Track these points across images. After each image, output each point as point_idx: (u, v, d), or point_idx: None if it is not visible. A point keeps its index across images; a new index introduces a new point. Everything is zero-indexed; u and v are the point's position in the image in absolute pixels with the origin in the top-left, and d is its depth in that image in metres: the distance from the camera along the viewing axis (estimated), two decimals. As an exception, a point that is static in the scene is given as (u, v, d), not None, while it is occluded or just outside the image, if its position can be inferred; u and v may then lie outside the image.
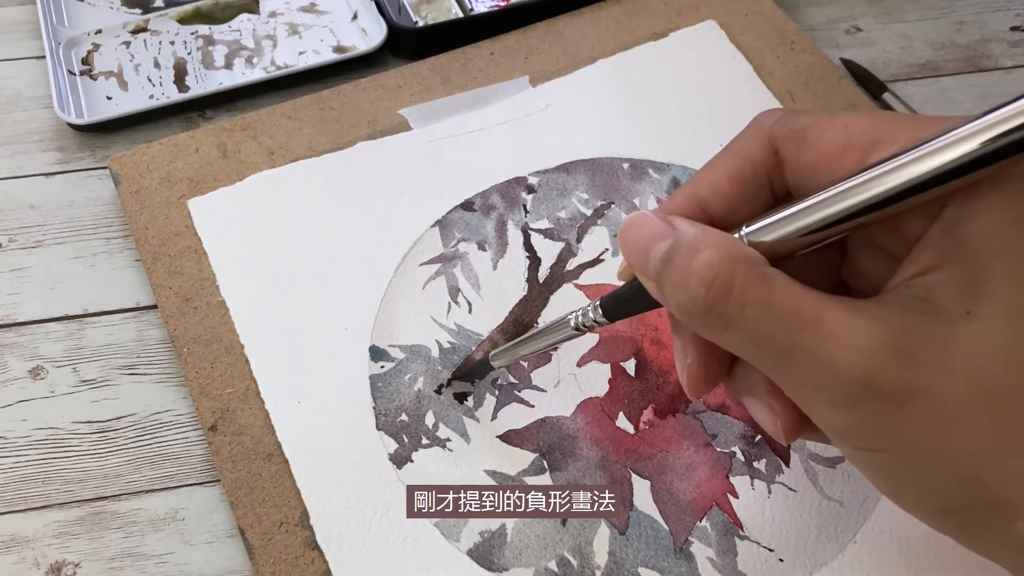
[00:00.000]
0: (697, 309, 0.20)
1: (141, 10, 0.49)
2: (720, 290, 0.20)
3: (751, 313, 0.20)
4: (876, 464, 0.22)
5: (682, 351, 0.24)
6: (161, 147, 0.41)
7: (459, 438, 0.34)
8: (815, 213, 0.21)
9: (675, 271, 0.21)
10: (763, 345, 0.20)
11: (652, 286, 0.22)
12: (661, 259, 0.21)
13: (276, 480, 0.32)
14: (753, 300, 0.20)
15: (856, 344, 0.19)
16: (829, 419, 0.21)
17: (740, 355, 0.22)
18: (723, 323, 0.20)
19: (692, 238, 0.21)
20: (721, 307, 0.20)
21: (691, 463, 0.33)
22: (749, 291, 0.20)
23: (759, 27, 0.46)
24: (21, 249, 0.40)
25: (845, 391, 0.20)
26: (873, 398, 0.19)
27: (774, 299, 0.20)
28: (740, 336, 0.20)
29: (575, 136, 0.42)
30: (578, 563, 0.31)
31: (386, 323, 0.36)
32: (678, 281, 0.21)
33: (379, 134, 0.42)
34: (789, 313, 0.20)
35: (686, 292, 0.20)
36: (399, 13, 0.47)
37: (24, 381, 0.36)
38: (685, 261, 0.21)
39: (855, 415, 0.20)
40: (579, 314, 0.27)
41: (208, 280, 0.37)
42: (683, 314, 0.21)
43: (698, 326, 0.21)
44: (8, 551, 0.32)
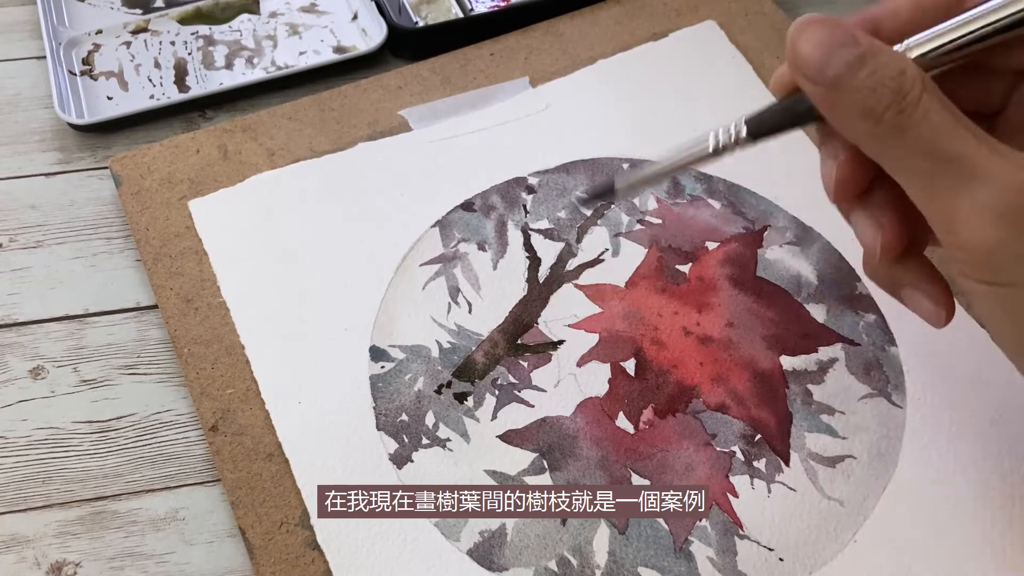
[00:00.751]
0: (889, 113, 0.21)
1: (141, 10, 0.49)
2: (913, 98, 0.21)
3: (934, 119, 0.21)
4: (1008, 301, 0.22)
5: (832, 153, 0.24)
6: (162, 148, 0.41)
7: (459, 438, 0.34)
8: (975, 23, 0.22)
9: (865, 76, 0.21)
10: (930, 152, 0.21)
11: (819, 92, 0.22)
12: (847, 64, 0.21)
13: (276, 480, 0.32)
14: (935, 115, 0.21)
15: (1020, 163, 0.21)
16: (977, 231, 0.21)
17: (896, 164, 0.22)
18: (905, 126, 0.21)
19: (882, 49, 0.22)
20: (910, 112, 0.21)
21: (691, 463, 0.33)
22: (933, 108, 0.21)
23: (759, 27, 0.46)
24: (22, 249, 0.40)
25: (1003, 197, 0.21)
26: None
27: (951, 120, 0.21)
28: (914, 141, 0.21)
29: (575, 136, 0.42)
30: (578, 563, 0.31)
31: (386, 323, 0.36)
32: (868, 84, 0.21)
33: (379, 135, 0.42)
34: (965, 128, 0.21)
35: (876, 96, 0.21)
36: (399, 13, 0.47)
37: (24, 381, 0.36)
38: (879, 68, 0.21)
39: (1004, 231, 0.21)
40: (720, 132, 0.26)
41: (209, 281, 0.37)
42: (863, 118, 0.22)
43: (875, 131, 0.22)
44: (8, 551, 0.32)
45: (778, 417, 0.34)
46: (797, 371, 0.35)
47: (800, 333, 0.36)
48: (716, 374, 0.35)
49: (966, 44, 0.22)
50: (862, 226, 0.25)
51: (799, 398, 0.34)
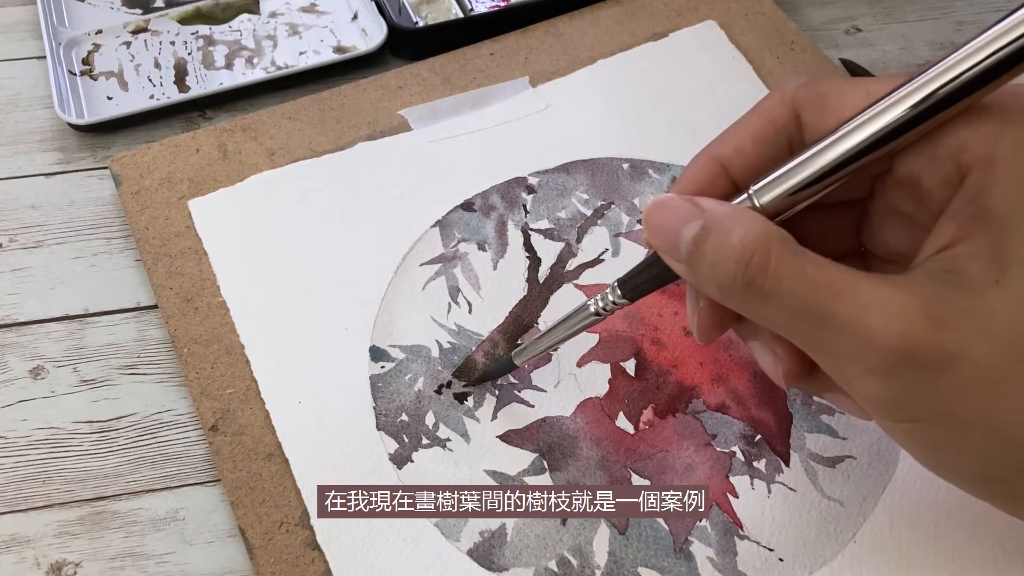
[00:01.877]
0: (737, 286, 0.21)
1: (141, 10, 0.49)
2: (758, 266, 0.20)
3: (788, 286, 0.20)
4: (915, 434, 0.22)
5: (694, 298, 0.24)
6: (162, 148, 0.41)
7: (459, 438, 0.34)
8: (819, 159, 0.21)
9: (709, 251, 0.21)
10: (800, 316, 0.21)
11: (682, 268, 0.22)
12: (693, 240, 0.21)
13: (276, 480, 0.32)
14: (789, 274, 0.20)
15: (891, 312, 0.20)
16: (867, 390, 0.21)
17: (774, 328, 0.22)
18: (761, 297, 0.21)
19: (723, 217, 0.21)
20: (759, 282, 0.20)
21: (691, 463, 0.33)
22: (785, 265, 0.20)
23: (759, 27, 0.46)
24: (21, 249, 0.40)
25: (882, 359, 0.20)
26: (910, 366, 0.20)
27: (808, 272, 0.20)
28: (777, 309, 0.21)
29: (575, 136, 0.42)
30: (578, 563, 0.31)
31: (386, 323, 0.36)
32: (714, 261, 0.21)
33: (379, 135, 0.42)
34: (825, 285, 0.20)
35: (724, 271, 0.21)
36: (399, 13, 0.47)
37: (24, 381, 0.36)
38: (719, 240, 0.21)
39: (893, 384, 0.20)
40: (598, 299, 0.27)
41: (209, 281, 0.37)
42: (720, 291, 0.21)
43: (735, 302, 0.22)
44: (8, 551, 0.32)
45: (778, 417, 0.34)
46: (797, 371, 0.35)
47: (800, 333, 0.36)
48: (716, 374, 0.35)
49: (820, 178, 0.22)
50: (759, 356, 0.25)
51: (799, 398, 0.34)
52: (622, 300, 0.27)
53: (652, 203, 0.23)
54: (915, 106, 0.20)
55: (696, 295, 0.24)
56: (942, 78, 0.20)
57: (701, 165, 0.24)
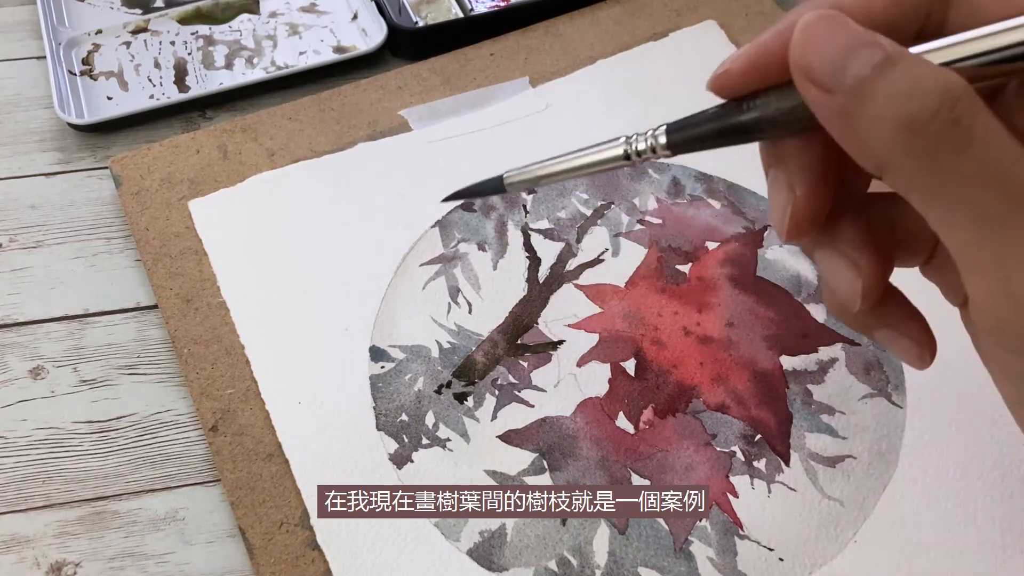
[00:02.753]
0: (938, 122, 0.17)
1: (141, 10, 0.49)
2: (966, 105, 0.17)
3: (996, 137, 0.17)
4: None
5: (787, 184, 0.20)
6: (162, 148, 0.41)
7: (459, 438, 0.34)
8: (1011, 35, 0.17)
9: (900, 79, 0.17)
10: (998, 180, 0.17)
11: (831, 100, 0.18)
12: (875, 65, 0.17)
13: (276, 480, 0.32)
14: (999, 127, 0.17)
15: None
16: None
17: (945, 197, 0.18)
18: (964, 141, 0.17)
19: (909, 54, 0.17)
20: (968, 123, 0.17)
21: (691, 463, 0.33)
22: (992, 117, 0.17)
23: (759, 27, 0.46)
24: (21, 249, 0.40)
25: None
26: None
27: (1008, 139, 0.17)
28: (977, 162, 0.17)
29: (575, 136, 0.42)
30: (578, 563, 0.31)
31: (386, 323, 0.36)
32: (908, 89, 0.17)
33: (379, 135, 0.42)
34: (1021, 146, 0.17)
35: (924, 100, 0.17)
36: (399, 13, 0.47)
37: (24, 381, 0.36)
38: (913, 71, 0.17)
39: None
40: (635, 139, 0.22)
41: (209, 281, 0.37)
42: (903, 129, 0.17)
43: (919, 146, 0.17)
44: (8, 551, 0.32)
45: (778, 417, 0.34)
46: (797, 371, 0.35)
47: (800, 333, 0.36)
48: (716, 374, 0.35)
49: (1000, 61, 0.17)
50: (833, 269, 0.21)
51: (799, 398, 0.34)
52: (665, 151, 0.22)
53: (816, 16, 0.18)
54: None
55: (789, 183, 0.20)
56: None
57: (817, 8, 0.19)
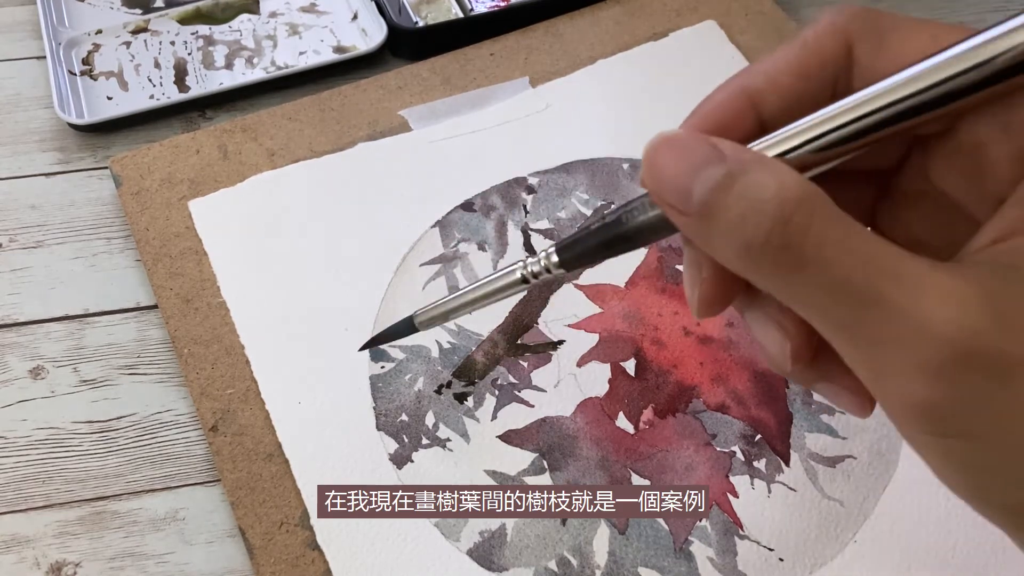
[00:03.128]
0: (769, 247, 0.17)
1: (141, 10, 0.49)
2: (799, 225, 0.17)
3: (830, 254, 0.17)
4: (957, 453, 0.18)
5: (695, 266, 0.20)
6: (162, 148, 0.41)
7: (459, 438, 0.34)
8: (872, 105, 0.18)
9: (736, 203, 0.17)
10: (839, 292, 0.17)
11: (690, 222, 0.18)
12: (713, 188, 0.17)
13: (276, 480, 0.32)
14: (832, 240, 0.17)
15: (952, 301, 0.16)
16: (910, 390, 0.17)
17: (800, 305, 0.18)
18: (796, 264, 0.17)
19: (752, 164, 0.17)
20: (798, 244, 0.17)
21: (691, 463, 0.33)
22: (829, 229, 0.17)
23: (759, 27, 0.46)
24: (21, 249, 0.40)
25: (938, 355, 0.16)
26: (969, 368, 0.16)
27: (854, 242, 0.17)
28: (813, 281, 0.17)
29: (575, 136, 0.42)
30: (578, 563, 0.31)
31: (386, 323, 0.36)
32: (742, 215, 0.17)
33: (379, 135, 0.42)
34: (872, 258, 0.17)
35: (755, 227, 0.17)
36: (399, 13, 0.47)
37: (24, 381, 0.36)
38: (751, 191, 0.17)
39: (944, 388, 0.17)
40: (529, 261, 0.23)
41: (209, 281, 0.37)
42: (740, 254, 0.18)
43: (758, 267, 0.18)
44: (8, 551, 0.32)
45: (778, 417, 0.34)
46: (797, 371, 0.35)
47: (800, 333, 0.36)
48: (716, 374, 0.35)
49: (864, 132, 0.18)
50: (762, 332, 0.20)
51: (799, 398, 0.34)
52: (558, 269, 0.22)
53: (658, 139, 0.19)
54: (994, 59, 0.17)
55: (698, 263, 0.20)
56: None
57: (726, 98, 0.20)
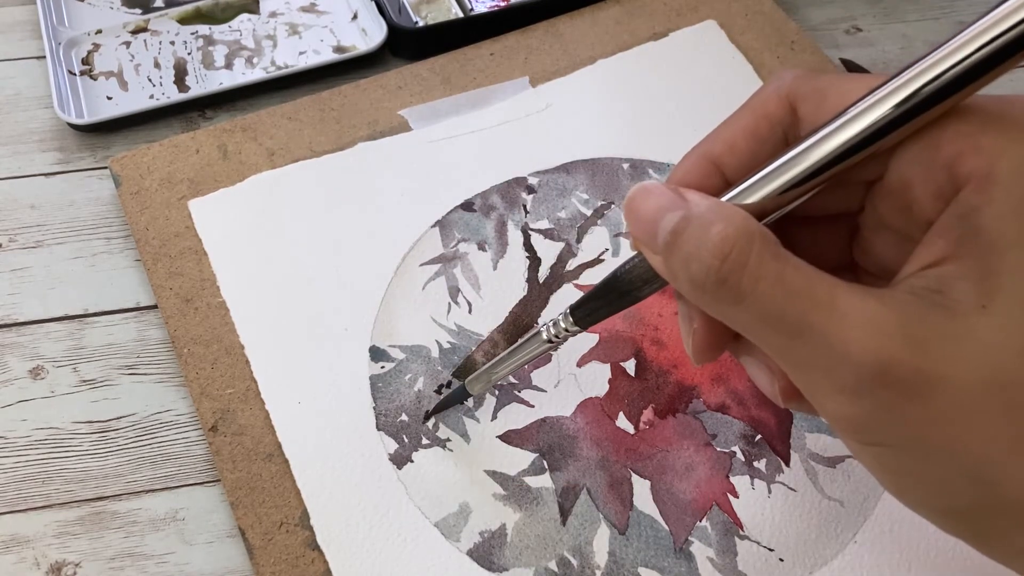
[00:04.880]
0: (709, 282, 0.20)
1: (141, 10, 0.49)
2: (735, 263, 0.19)
3: (764, 289, 0.19)
4: (882, 459, 0.21)
5: (687, 317, 0.23)
6: (161, 148, 0.41)
7: (459, 438, 0.34)
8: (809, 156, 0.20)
9: (686, 243, 0.20)
10: (773, 323, 0.20)
11: (658, 260, 0.21)
12: (671, 231, 0.20)
13: (276, 480, 0.32)
14: (767, 275, 0.19)
15: (869, 327, 0.19)
16: (835, 408, 0.20)
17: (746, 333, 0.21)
18: (734, 297, 0.20)
19: (705, 210, 0.20)
20: (735, 280, 0.19)
21: (691, 463, 0.33)
22: (764, 266, 0.19)
23: (759, 27, 0.46)
24: (21, 249, 0.40)
25: (855, 376, 0.19)
26: (883, 386, 0.19)
27: (787, 276, 0.19)
28: (750, 312, 0.20)
29: (575, 136, 0.42)
30: (578, 563, 0.31)
31: (386, 323, 0.36)
32: (690, 253, 0.20)
33: (379, 135, 0.42)
34: (802, 291, 0.19)
35: (699, 264, 0.20)
36: (399, 13, 0.47)
37: (24, 381, 0.36)
38: (698, 233, 0.20)
39: (863, 404, 0.19)
40: (549, 325, 0.27)
41: (209, 281, 0.37)
42: (693, 288, 0.21)
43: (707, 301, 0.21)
44: (8, 551, 0.32)
45: (778, 417, 0.34)
46: (797, 371, 0.35)
47: (800, 333, 0.36)
48: (716, 374, 0.35)
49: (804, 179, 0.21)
50: (754, 373, 0.23)
51: (799, 398, 0.34)
52: (574, 327, 0.26)
53: (636, 189, 0.22)
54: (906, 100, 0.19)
55: (690, 314, 0.23)
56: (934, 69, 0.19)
57: (692, 162, 0.23)
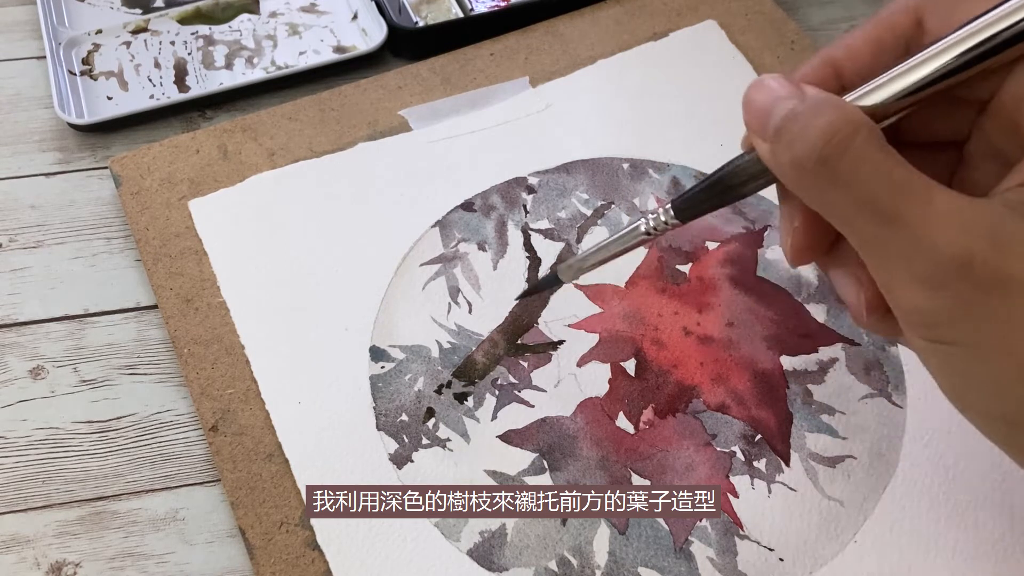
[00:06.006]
0: (811, 162, 0.20)
1: (141, 10, 0.49)
2: (838, 145, 0.20)
3: (863, 172, 0.20)
4: (947, 358, 0.21)
5: (789, 216, 0.24)
6: (162, 148, 0.41)
7: (459, 438, 0.34)
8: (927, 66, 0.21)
9: (796, 126, 0.21)
10: (866, 208, 0.20)
11: (766, 148, 0.22)
12: (784, 116, 0.21)
13: (276, 480, 0.32)
14: (868, 161, 0.20)
15: (959, 224, 0.19)
16: (912, 298, 0.20)
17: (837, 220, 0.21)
18: (832, 178, 0.20)
19: (819, 99, 0.21)
20: (835, 160, 0.20)
21: (691, 463, 0.33)
22: (866, 152, 0.20)
23: (759, 27, 0.46)
24: (21, 249, 0.40)
25: (938, 268, 0.20)
26: (964, 279, 0.19)
27: (887, 166, 0.20)
28: (847, 195, 0.20)
29: (575, 136, 0.42)
30: (578, 563, 0.31)
31: (386, 323, 0.36)
32: (798, 134, 0.21)
33: (379, 135, 0.42)
34: (901, 182, 0.20)
35: (803, 144, 0.20)
36: (399, 13, 0.47)
37: (24, 381, 0.36)
38: (808, 118, 0.21)
39: (941, 296, 0.20)
40: (650, 217, 0.27)
41: (209, 281, 0.37)
42: (794, 170, 0.21)
43: (807, 184, 0.21)
44: (8, 551, 0.32)
45: (778, 417, 0.34)
46: (797, 371, 0.35)
47: (800, 333, 0.36)
48: (716, 374, 0.35)
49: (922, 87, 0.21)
50: (841, 285, 0.24)
51: (799, 398, 0.34)
52: (674, 220, 0.26)
53: (755, 81, 0.22)
54: None
55: (791, 213, 0.23)
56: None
57: (813, 66, 0.23)
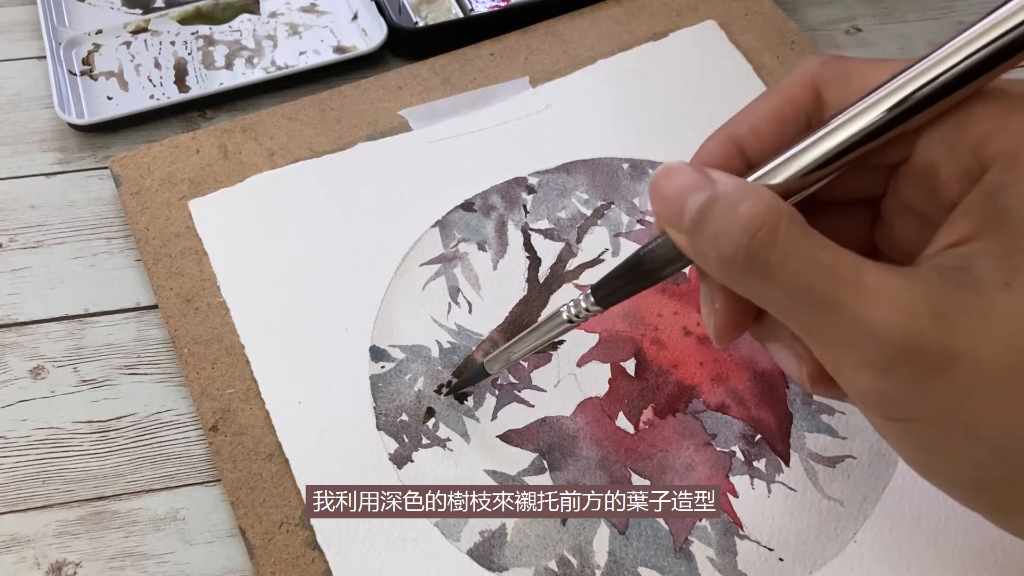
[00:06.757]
0: (738, 259, 0.20)
1: (141, 10, 0.49)
2: (764, 239, 0.20)
3: (793, 265, 0.19)
4: (907, 434, 0.21)
5: (709, 298, 0.23)
6: (162, 148, 0.41)
7: (459, 438, 0.34)
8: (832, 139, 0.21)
9: (715, 221, 0.20)
10: (801, 298, 0.20)
11: (683, 239, 0.21)
12: (699, 209, 0.20)
13: (276, 480, 0.33)
14: (796, 252, 0.19)
15: (895, 304, 0.19)
16: (861, 383, 0.20)
17: (773, 310, 0.21)
18: (764, 274, 0.20)
19: (733, 189, 0.20)
20: (764, 256, 0.20)
21: (691, 463, 0.33)
22: (792, 242, 0.20)
23: (759, 27, 0.46)
24: (21, 249, 0.40)
25: (882, 352, 0.19)
26: (910, 361, 0.19)
27: (815, 253, 0.20)
28: (779, 288, 0.20)
29: (575, 136, 0.42)
30: (578, 563, 0.31)
31: (386, 323, 0.36)
32: (719, 230, 0.20)
33: (379, 135, 0.42)
34: (830, 267, 0.19)
35: (728, 241, 0.20)
36: (399, 13, 0.47)
37: (24, 381, 0.36)
38: (726, 211, 0.20)
39: (890, 379, 0.20)
40: (571, 305, 0.27)
41: (209, 281, 0.37)
42: (721, 265, 0.21)
43: (735, 278, 0.21)
44: (8, 551, 0.32)
45: (778, 417, 0.34)
46: (797, 371, 0.35)
47: (800, 333, 0.36)
48: (716, 374, 0.35)
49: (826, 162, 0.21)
50: (780, 359, 0.24)
51: (799, 398, 0.34)
52: (595, 307, 0.26)
53: (661, 168, 0.22)
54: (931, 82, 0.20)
55: (711, 294, 0.23)
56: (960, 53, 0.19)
57: (716, 144, 0.23)
